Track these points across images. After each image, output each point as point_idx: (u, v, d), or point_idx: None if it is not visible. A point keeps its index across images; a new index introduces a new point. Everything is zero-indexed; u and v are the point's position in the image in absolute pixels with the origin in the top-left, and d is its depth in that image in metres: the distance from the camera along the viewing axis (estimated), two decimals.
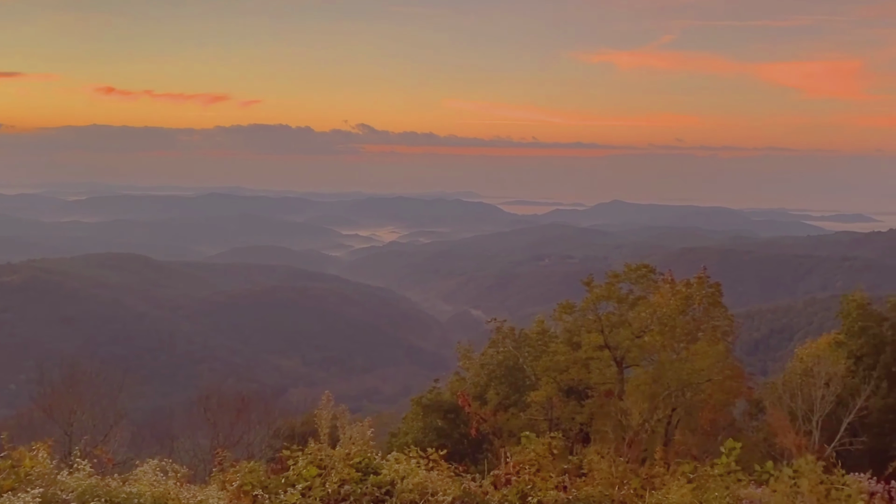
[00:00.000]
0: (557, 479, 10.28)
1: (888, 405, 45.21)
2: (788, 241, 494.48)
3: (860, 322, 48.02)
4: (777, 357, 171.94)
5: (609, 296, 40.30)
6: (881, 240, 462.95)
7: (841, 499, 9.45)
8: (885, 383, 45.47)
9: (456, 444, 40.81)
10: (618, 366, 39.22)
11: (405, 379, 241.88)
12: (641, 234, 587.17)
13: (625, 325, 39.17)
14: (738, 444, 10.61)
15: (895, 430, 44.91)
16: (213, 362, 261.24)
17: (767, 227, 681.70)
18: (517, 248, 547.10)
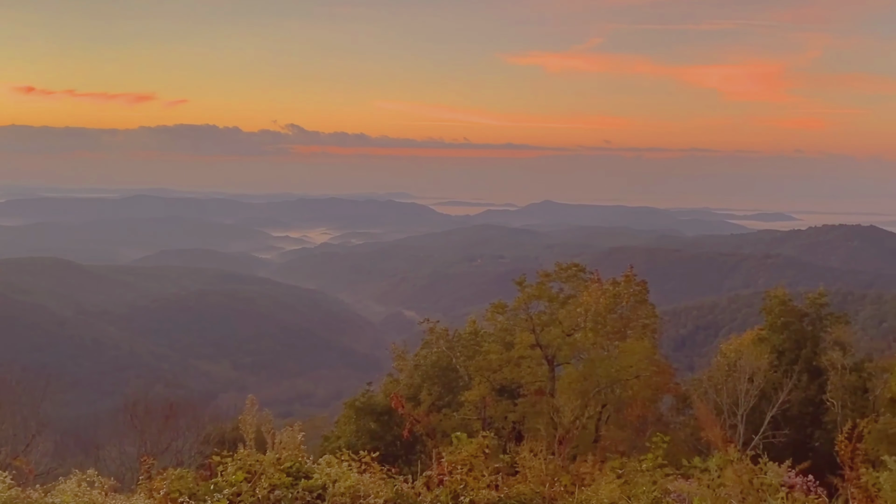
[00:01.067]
0: (490, 478, 10.33)
1: (809, 398, 46.83)
2: (713, 240, 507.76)
3: (782, 318, 49.63)
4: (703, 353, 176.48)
5: (540, 295, 40.79)
6: (801, 238, 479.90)
7: (763, 490, 9.73)
8: (806, 377, 47.09)
9: (389, 446, 40.71)
10: (549, 364, 39.69)
11: (338, 382, 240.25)
12: (571, 233, 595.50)
13: (556, 323, 39.67)
14: (666, 439, 10.84)
15: (815, 422, 46.55)
16: (139, 368, 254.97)
17: (693, 227, 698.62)
18: (450, 248, 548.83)
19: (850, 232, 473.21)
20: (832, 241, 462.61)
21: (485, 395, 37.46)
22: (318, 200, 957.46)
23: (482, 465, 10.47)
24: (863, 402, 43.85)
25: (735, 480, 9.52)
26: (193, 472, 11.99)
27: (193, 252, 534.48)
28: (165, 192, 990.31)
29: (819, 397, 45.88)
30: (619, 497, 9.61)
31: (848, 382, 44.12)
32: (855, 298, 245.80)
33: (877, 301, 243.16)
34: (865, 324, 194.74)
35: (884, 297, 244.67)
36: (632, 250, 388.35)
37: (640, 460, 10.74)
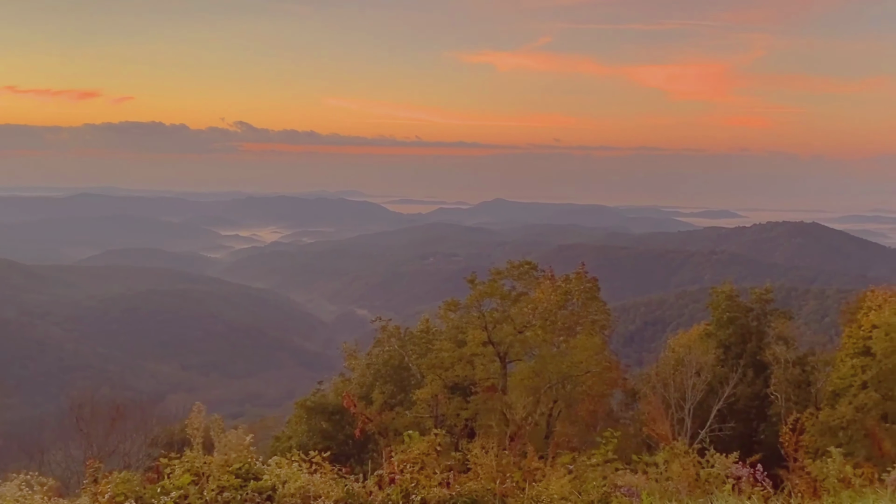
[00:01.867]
0: (441, 475, 10.33)
1: (754, 392, 47.83)
2: (661, 237, 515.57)
3: (728, 313, 50.61)
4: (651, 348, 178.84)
5: (492, 293, 40.93)
6: (746, 234, 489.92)
7: (709, 482, 9.89)
8: (752, 371, 48.09)
9: (341, 445, 40.54)
10: (501, 361, 39.87)
11: (289, 382, 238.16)
12: (523, 231, 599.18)
13: (508, 321, 39.86)
14: (615, 434, 10.96)
15: (761, 415, 47.57)
16: (85, 370, 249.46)
17: (641, 224, 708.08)
18: (402, 247, 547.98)
19: (794, 229, 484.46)
20: (776, 238, 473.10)
21: (437, 393, 37.47)
22: (268, 199, 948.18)
23: (434, 463, 10.46)
24: (806, 395, 44.94)
25: (682, 474, 9.67)
26: (140, 474, 11.79)
27: (140, 251, 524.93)
28: (111, 190, 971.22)
29: (764, 391, 46.89)
30: (570, 492, 9.68)
31: (791, 376, 45.18)
32: (798, 294, 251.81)
33: (819, 296, 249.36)
34: (808, 318, 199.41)
35: (826, 293, 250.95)
36: (582, 248, 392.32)
37: (589, 455, 10.84)
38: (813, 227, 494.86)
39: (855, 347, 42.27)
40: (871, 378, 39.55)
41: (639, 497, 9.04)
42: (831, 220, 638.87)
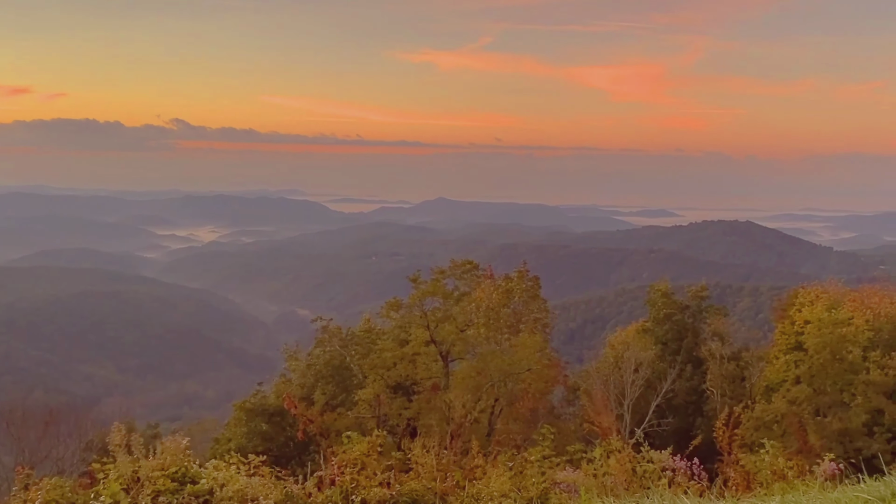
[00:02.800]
0: (382, 476, 10.29)
1: (691, 387, 48.86)
2: (600, 236, 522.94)
3: (664, 310, 51.62)
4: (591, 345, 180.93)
5: (435, 292, 40.99)
6: (682, 233, 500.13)
7: (645, 475, 10.05)
8: (689, 367, 49.11)
9: (282, 447, 40.12)
10: (443, 360, 39.96)
11: (228, 383, 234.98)
12: (465, 230, 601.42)
13: (450, 319, 39.96)
14: (553, 431, 11.06)
15: (698, 410, 48.59)
16: (17, 374, 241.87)
17: (581, 223, 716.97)
18: (344, 246, 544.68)
19: (728, 227, 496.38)
20: (711, 237, 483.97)
21: (379, 393, 37.36)
22: (206, 197, 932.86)
23: (375, 464, 10.42)
24: (740, 389, 46.05)
25: (619, 469, 9.81)
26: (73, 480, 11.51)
27: (74, 252, 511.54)
28: (43, 189, 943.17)
29: (701, 386, 47.91)
30: (510, 489, 9.74)
31: (727, 371, 46.26)
32: (733, 291, 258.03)
33: (753, 293, 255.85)
34: (743, 315, 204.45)
35: (759, 290, 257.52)
36: (523, 246, 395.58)
37: (530, 452, 10.91)
38: (747, 225, 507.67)
39: (787, 343, 43.45)
40: (804, 373, 40.69)
41: (577, 492, 9.15)
42: (764, 219, 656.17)
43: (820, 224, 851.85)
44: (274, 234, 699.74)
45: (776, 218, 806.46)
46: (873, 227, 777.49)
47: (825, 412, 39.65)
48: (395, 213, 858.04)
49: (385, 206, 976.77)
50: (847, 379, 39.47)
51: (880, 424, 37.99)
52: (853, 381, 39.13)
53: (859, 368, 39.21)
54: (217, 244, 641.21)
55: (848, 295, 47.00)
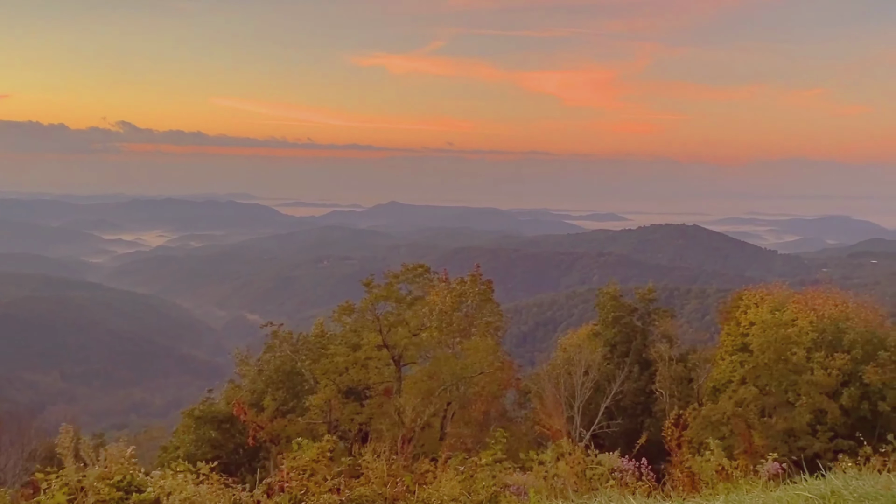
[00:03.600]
0: (332, 482, 10.22)
1: (640, 388, 49.51)
2: (551, 240, 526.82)
3: (613, 313, 52.23)
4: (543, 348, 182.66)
5: (387, 296, 40.85)
6: (631, 236, 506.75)
7: (594, 477, 10.16)
8: (637, 368, 49.76)
9: (231, 454, 39.59)
10: (396, 364, 39.83)
11: (176, 390, 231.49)
12: (418, 234, 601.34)
13: (403, 323, 39.86)
14: (504, 434, 11.11)
15: (646, 411, 49.24)
16: None
17: (532, 227, 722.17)
18: (295, 250, 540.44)
19: (676, 231, 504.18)
20: (659, 240, 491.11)
21: (331, 398, 37.09)
22: (154, 201, 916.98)
23: (325, 470, 10.34)
24: (688, 390, 46.81)
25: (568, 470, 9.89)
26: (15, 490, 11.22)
27: (17, 256, 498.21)
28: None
29: (649, 387, 48.58)
30: (460, 493, 9.75)
31: (674, 373, 46.96)
32: (680, 293, 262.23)
33: (700, 295, 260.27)
34: (690, 317, 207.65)
35: (706, 292, 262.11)
36: (476, 250, 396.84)
37: (480, 456, 10.94)
38: (694, 229, 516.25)
39: (733, 344, 44.30)
40: (749, 373, 41.52)
41: (527, 495, 9.20)
42: (711, 223, 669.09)
43: (765, 228, 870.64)
44: (223, 238, 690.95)
45: (722, 222, 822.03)
46: (816, 230, 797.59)
47: (770, 412, 40.50)
48: (346, 217, 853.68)
49: (337, 209, 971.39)
50: (791, 379, 40.38)
51: (823, 424, 38.94)
52: (797, 382, 40.03)
53: (803, 369, 40.13)
54: (165, 249, 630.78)
55: (792, 297, 48.07)
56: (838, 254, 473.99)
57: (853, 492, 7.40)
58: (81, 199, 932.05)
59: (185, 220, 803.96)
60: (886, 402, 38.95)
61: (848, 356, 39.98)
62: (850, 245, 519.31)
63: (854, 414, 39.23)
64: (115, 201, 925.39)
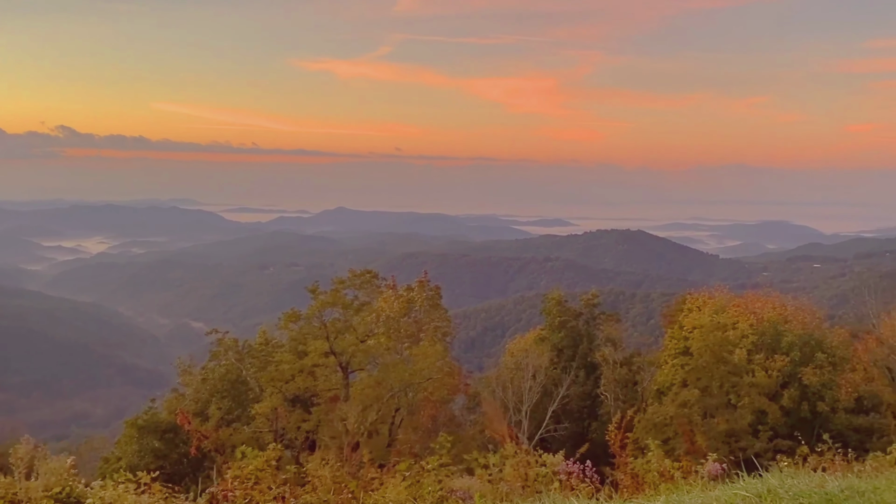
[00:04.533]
0: (277, 490, 10.14)
1: (586, 392, 50.05)
2: (499, 245, 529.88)
3: (559, 317, 52.76)
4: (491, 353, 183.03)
5: (334, 302, 40.60)
6: (578, 242, 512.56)
7: (539, 479, 10.27)
8: (583, 372, 50.31)
9: (175, 464, 38.94)
10: (343, 371, 39.63)
11: (119, 400, 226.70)
12: (366, 240, 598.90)
13: (350, 330, 39.67)
14: (450, 439, 11.15)
15: (592, 414, 49.81)
16: None
17: (480, 232, 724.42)
18: (240, 256, 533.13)
19: (621, 236, 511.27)
20: (605, 245, 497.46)
21: (277, 407, 36.74)
22: (94, 207, 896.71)
23: (270, 478, 10.25)
24: (633, 393, 47.47)
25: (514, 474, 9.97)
26: None
27: None
28: None
29: (595, 391, 49.15)
30: (406, 498, 9.76)
31: (619, 376, 47.60)
32: (626, 298, 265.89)
33: (644, 299, 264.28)
34: (635, 321, 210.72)
35: (651, 296, 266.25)
36: (424, 255, 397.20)
37: (426, 461, 10.96)
38: (638, 234, 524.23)
39: (676, 347, 45.07)
40: (691, 376, 42.31)
41: (473, 499, 9.25)
42: (655, 228, 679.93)
43: (707, 233, 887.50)
44: (166, 244, 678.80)
45: (666, 227, 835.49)
46: (756, 235, 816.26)
47: (712, 413, 41.30)
48: (293, 223, 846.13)
49: (283, 215, 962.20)
50: (732, 381, 41.24)
51: (764, 424, 39.84)
52: (738, 384, 40.91)
53: (744, 371, 41.02)
54: (106, 256, 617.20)
55: (733, 300, 49.10)
56: (778, 258, 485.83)
57: (788, 490, 7.62)
58: (19, 206, 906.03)
59: (126, 227, 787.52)
60: (825, 402, 40.03)
61: (787, 358, 40.99)
62: (790, 249, 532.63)
63: (794, 414, 40.21)
64: (55, 207, 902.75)
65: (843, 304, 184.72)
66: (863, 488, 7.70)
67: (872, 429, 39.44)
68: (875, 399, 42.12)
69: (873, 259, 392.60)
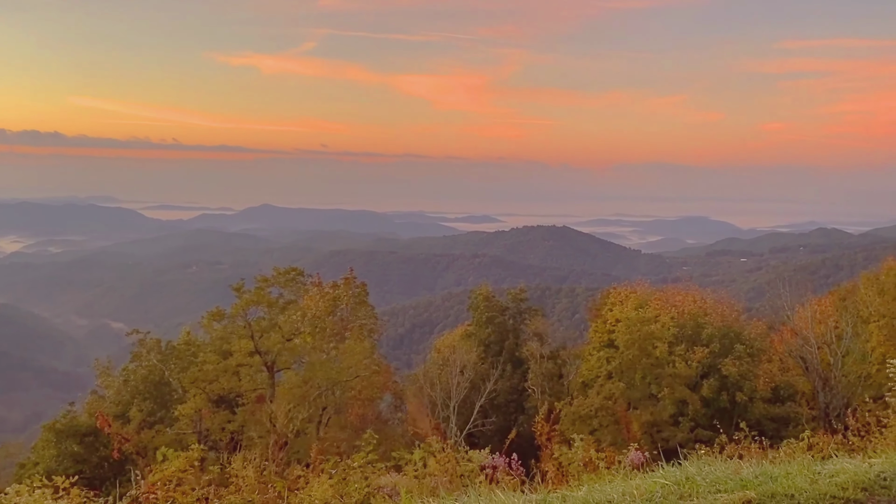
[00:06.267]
0: (201, 491, 9.96)
1: (513, 386, 50.61)
2: (427, 242, 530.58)
3: (487, 313, 53.23)
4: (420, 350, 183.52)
5: (259, 301, 40.01)
6: (505, 238, 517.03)
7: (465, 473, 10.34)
8: (511, 367, 50.85)
9: (96, 468, 37.89)
10: (269, 371, 39.11)
11: (35, 404, 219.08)
12: (292, 237, 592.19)
13: (275, 329, 39.16)
14: (375, 436, 11.14)
15: (520, 408, 50.39)
16: None
17: (409, 229, 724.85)
18: (162, 255, 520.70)
19: (546, 232, 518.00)
20: (531, 241, 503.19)
21: (201, 408, 36.06)
22: (7, 205, 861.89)
23: (193, 480, 10.06)
24: (559, 387, 48.22)
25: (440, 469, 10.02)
26: None
27: None
28: None
29: (522, 385, 49.75)
30: (332, 496, 9.70)
31: (546, 370, 48.29)
32: (552, 293, 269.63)
33: (570, 294, 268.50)
34: (561, 316, 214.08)
35: (576, 291, 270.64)
36: (352, 253, 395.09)
37: (352, 458, 10.93)
38: (563, 230, 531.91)
39: (601, 341, 45.96)
40: (615, 368, 43.18)
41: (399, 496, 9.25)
42: (579, 224, 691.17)
43: (629, 228, 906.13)
44: (84, 243, 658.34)
45: (590, 223, 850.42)
46: (676, 231, 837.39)
47: (636, 405, 42.24)
48: (217, 221, 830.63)
49: (206, 213, 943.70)
50: (655, 373, 42.25)
51: (685, 415, 40.94)
52: (660, 375, 41.93)
53: (665, 363, 42.07)
54: (21, 255, 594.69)
55: (654, 294, 50.32)
56: (697, 253, 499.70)
57: (706, 477, 7.87)
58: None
59: (42, 225, 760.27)
60: (743, 392, 41.33)
61: (707, 349, 42.18)
62: (709, 244, 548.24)
63: (713, 404, 41.41)
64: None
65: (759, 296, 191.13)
66: (776, 474, 7.99)
67: (788, 417, 40.90)
68: (790, 389, 43.69)
69: (788, 253, 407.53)
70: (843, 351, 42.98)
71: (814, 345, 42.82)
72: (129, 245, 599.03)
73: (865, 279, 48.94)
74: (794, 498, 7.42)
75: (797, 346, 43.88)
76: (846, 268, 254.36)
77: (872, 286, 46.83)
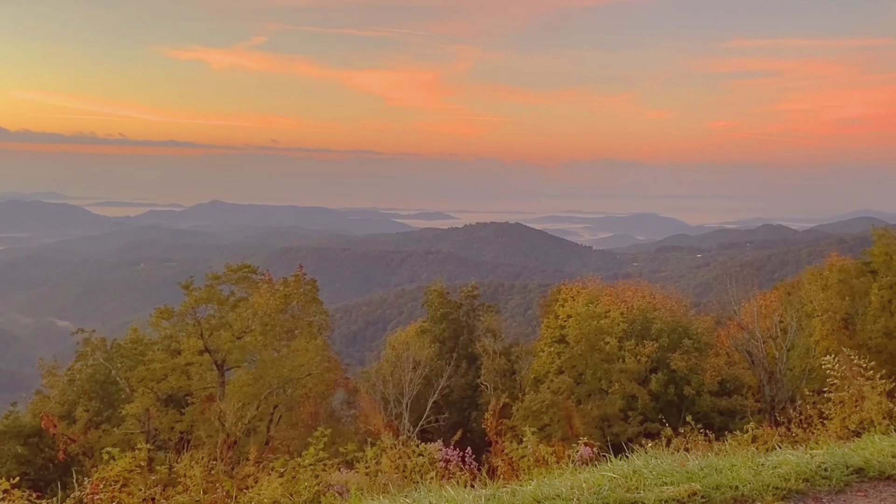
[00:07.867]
0: (148, 491, 9.80)
1: (467, 382, 50.80)
2: (380, 238, 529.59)
3: (441, 310, 53.35)
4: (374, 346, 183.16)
5: (209, 298, 39.53)
6: (458, 235, 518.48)
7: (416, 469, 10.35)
8: (464, 363, 51.03)
9: (40, 470, 37.14)
10: (219, 369, 38.66)
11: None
12: (243, 234, 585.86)
13: (226, 327, 38.72)
14: (325, 433, 11.09)
15: (473, 404, 50.59)
16: None
17: (362, 226, 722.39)
18: (109, 252, 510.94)
19: (500, 229, 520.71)
20: (484, 238, 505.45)
21: (149, 407, 35.53)
22: None
23: (140, 480, 9.90)
24: (511, 382, 48.51)
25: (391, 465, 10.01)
26: None
27: None
28: None
29: (476, 381, 49.95)
30: (282, 495, 9.63)
31: (499, 366, 48.55)
32: (504, 289, 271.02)
33: (523, 291, 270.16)
34: (513, 312, 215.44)
35: (528, 287, 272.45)
36: (304, 250, 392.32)
37: (302, 456, 10.86)
38: (516, 227, 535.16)
39: (552, 336, 46.35)
40: (566, 363, 43.60)
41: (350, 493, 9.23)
42: (532, 221, 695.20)
43: (581, 225, 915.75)
44: (28, 240, 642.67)
45: (542, 220, 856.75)
46: (627, 227, 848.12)
47: (586, 400, 42.69)
48: (165, 217, 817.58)
49: (154, 209, 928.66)
50: (605, 368, 42.75)
51: (634, 409, 41.50)
52: (610, 370, 42.44)
53: (615, 358, 42.59)
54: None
55: (605, 290, 50.89)
56: (647, 249, 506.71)
57: (652, 470, 8.00)
58: None
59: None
60: (691, 386, 42.05)
61: (656, 344, 42.82)
62: (658, 240, 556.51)
63: (662, 398, 42.06)
64: None
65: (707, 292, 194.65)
66: (721, 465, 8.15)
67: (734, 410, 41.72)
68: (737, 382, 44.58)
69: (735, 249, 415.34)
70: (788, 345, 44.03)
71: (760, 339, 43.79)
72: (76, 242, 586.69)
73: (810, 275, 50.10)
74: (738, 489, 7.58)
75: (744, 340, 44.83)
76: (791, 263, 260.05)
77: (816, 281, 47.96)
